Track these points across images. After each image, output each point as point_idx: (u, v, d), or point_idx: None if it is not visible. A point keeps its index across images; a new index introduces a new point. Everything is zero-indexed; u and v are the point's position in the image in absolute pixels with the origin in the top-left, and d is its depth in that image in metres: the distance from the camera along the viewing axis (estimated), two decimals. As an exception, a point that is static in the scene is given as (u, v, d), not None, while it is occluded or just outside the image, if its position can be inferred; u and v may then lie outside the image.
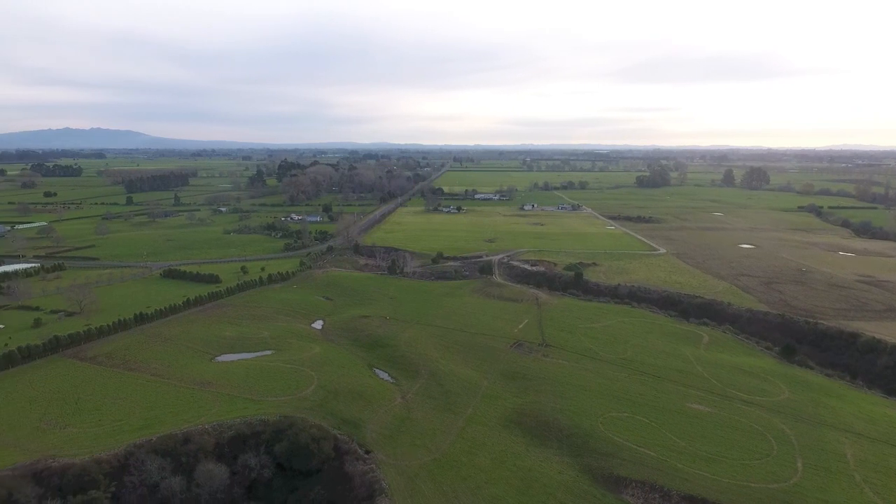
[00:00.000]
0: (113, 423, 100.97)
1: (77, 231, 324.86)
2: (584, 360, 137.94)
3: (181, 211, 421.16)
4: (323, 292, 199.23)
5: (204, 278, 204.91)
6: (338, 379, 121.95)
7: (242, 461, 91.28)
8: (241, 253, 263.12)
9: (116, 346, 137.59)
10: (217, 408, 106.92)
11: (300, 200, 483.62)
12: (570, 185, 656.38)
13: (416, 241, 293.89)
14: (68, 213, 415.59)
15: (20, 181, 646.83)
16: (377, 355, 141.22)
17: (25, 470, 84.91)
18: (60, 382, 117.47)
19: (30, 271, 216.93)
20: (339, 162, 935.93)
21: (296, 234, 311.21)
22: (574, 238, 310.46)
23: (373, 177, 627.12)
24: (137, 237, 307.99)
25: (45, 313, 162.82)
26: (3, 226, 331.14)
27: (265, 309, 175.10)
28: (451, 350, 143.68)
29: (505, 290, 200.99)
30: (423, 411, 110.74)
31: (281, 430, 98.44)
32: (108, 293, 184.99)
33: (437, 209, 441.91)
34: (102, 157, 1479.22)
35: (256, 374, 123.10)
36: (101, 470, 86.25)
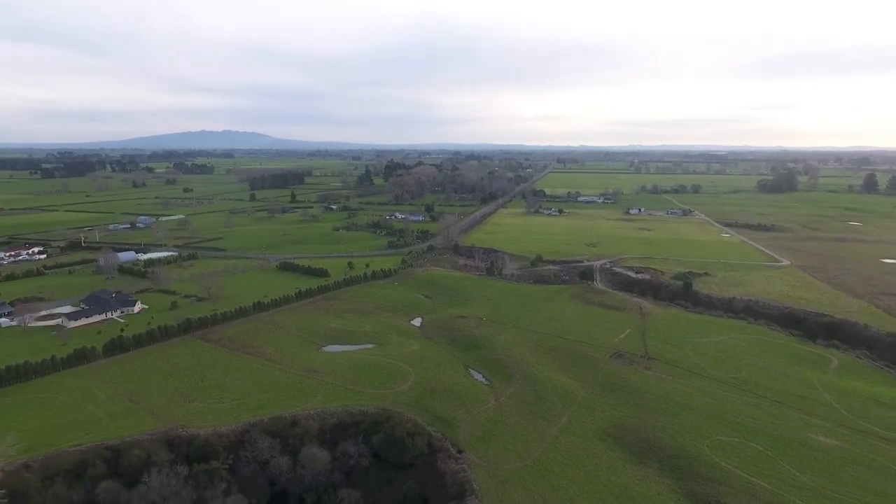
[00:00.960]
0: (232, 402, 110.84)
1: (208, 224, 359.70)
2: (690, 376, 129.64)
3: (296, 208, 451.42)
4: (422, 290, 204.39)
5: (314, 272, 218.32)
6: (434, 376, 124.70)
7: (342, 448, 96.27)
8: (348, 249, 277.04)
9: (237, 331, 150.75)
10: (322, 395, 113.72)
11: (404, 200, 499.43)
12: (682, 188, 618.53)
13: (515, 243, 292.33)
14: (202, 207, 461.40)
15: (164, 178, 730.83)
16: (473, 356, 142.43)
17: (161, 436, 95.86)
18: (190, 360, 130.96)
19: (170, 259, 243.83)
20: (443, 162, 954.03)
21: (399, 232, 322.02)
22: (684, 245, 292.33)
23: (475, 177, 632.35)
24: (258, 231, 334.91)
25: (180, 297, 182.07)
26: (150, 217, 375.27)
27: (368, 304, 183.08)
28: (547, 356, 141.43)
29: (606, 297, 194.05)
30: (516, 416, 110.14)
31: (379, 422, 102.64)
32: (231, 281, 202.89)
33: (537, 211, 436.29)
34: (231, 156, 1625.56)
35: (358, 366, 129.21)
36: (221, 443, 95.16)
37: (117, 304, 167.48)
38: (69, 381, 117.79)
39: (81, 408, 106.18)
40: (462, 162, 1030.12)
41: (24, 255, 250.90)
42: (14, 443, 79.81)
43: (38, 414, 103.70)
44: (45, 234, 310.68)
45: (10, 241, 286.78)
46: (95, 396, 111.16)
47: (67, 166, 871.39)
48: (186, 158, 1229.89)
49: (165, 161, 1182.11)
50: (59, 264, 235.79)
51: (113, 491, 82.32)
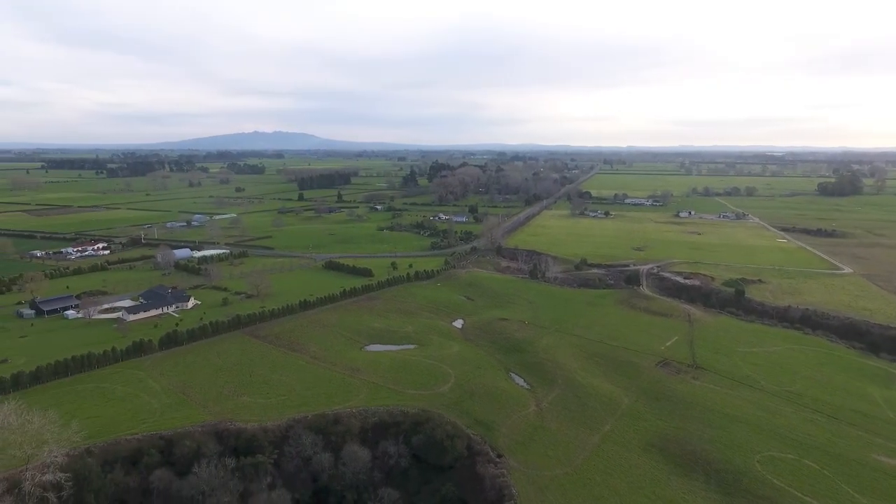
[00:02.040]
0: (278, 397, 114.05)
1: (258, 223, 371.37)
2: (740, 387, 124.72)
3: (342, 207, 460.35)
4: (465, 292, 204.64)
5: (359, 271, 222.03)
6: (474, 379, 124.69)
7: (383, 448, 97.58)
8: (391, 249, 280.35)
9: (283, 328, 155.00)
10: (364, 394, 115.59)
11: (448, 200, 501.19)
12: (735, 191, 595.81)
13: (559, 246, 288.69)
14: (252, 206, 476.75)
15: (219, 178, 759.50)
16: (514, 359, 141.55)
17: (210, 428, 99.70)
18: (239, 356, 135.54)
19: (222, 256, 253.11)
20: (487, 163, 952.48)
21: (442, 233, 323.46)
22: (736, 250, 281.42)
23: (519, 179, 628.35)
24: (305, 230, 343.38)
25: (231, 294, 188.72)
26: (205, 216, 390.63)
27: (411, 304, 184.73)
28: (590, 362, 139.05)
29: (653, 303, 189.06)
30: (557, 422, 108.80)
31: (419, 422, 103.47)
32: (279, 280, 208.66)
33: (583, 213, 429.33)
34: (281, 157, 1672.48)
35: (400, 367, 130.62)
36: (267, 438, 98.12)
37: (173, 300, 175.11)
38: (128, 373, 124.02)
39: (138, 398, 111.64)
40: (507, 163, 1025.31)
41: (90, 251, 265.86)
42: (78, 430, 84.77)
43: (99, 402, 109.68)
44: (109, 231, 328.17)
45: (77, 237, 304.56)
46: (151, 388, 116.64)
47: (130, 166, 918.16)
48: (239, 159, 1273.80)
49: (220, 161, 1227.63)
50: (121, 260, 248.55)
51: (166, 479, 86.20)
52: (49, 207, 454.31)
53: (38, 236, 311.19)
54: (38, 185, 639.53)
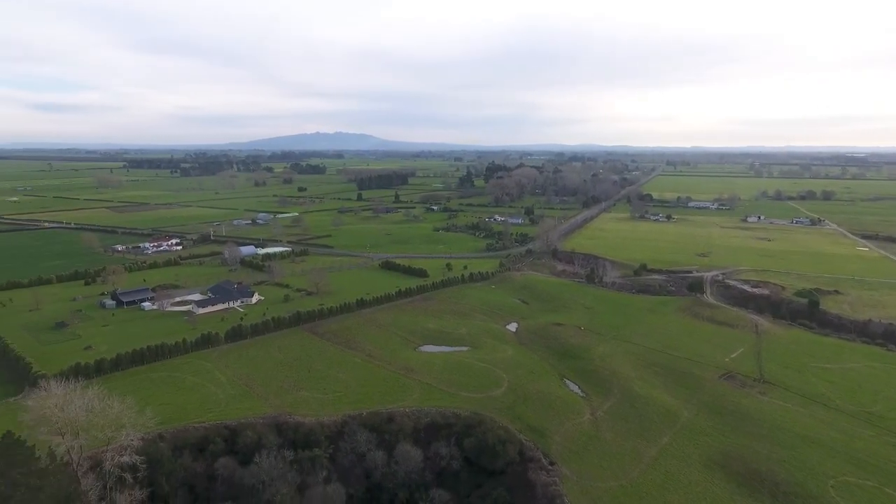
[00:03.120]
0: (334, 393, 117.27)
1: (318, 222, 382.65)
2: (813, 405, 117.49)
3: (399, 208, 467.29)
4: (519, 295, 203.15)
5: (414, 272, 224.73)
6: (527, 384, 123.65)
7: (435, 449, 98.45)
8: (447, 250, 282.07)
9: (341, 326, 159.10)
10: (417, 394, 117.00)
11: (504, 202, 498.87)
12: (811, 194, 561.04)
13: (617, 250, 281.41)
14: (313, 205, 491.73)
15: (282, 177, 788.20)
16: (568, 365, 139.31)
17: (270, 421, 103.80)
18: (299, 351, 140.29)
19: (284, 254, 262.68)
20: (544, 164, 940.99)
21: (498, 234, 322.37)
22: (810, 258, 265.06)
23: (577, 180, 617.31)
24: (363, 230, 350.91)
25: (292, 291, 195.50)
26: (269, 214, 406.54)
27: (465, 306, 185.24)
28: (648, 371, 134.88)
29: (717, 312, 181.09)
30: (612, 432, 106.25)
31: (471, 425, 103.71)
32: (337, 278, 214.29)
33: (643, 216, 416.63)
34: (341, 157, 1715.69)
35: (453, 368, 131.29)
36: (324, 432, 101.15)
37: (238, 295, 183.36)
38: (196, 363, 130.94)
39: (205, 388, 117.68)
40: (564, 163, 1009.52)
41: (165, 246, 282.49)
42: (152, 416, 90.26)
43: (171, 391, 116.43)
44: (182, 228, 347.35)
45: (153, 234, 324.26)
46: (217, 379, 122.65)
47: (201, 166, 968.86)
48: (301, 159, 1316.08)
49: (283, 161, 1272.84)
50: (192, 255, 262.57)
51: (229, 467, 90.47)
52: (129, 204, 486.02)
53: (119, 232, 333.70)
54: (120, 183, 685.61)
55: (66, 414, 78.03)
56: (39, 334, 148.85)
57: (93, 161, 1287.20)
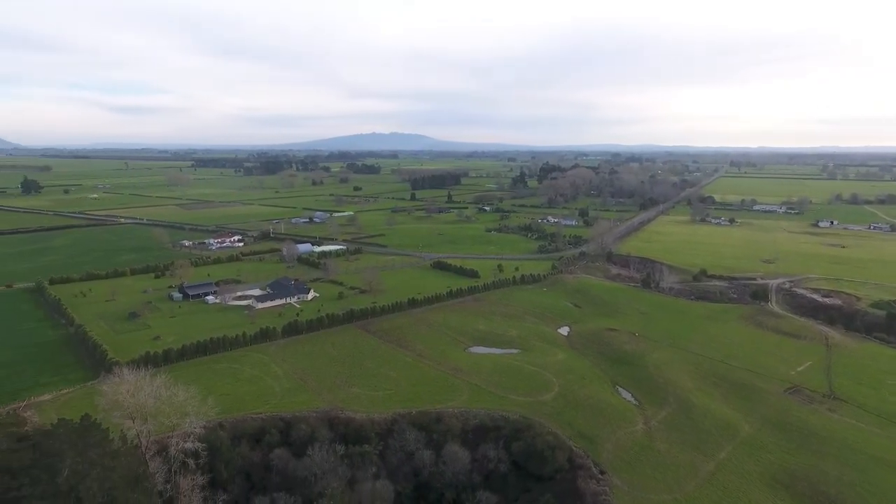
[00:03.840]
0: (385, 391, 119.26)
1: (372, 221, 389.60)
2: (890, 426, 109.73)
3: (452, 208, 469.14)
4: (572, 298, 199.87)
5: (465, 272, 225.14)
6: (578, 389, 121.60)
7: (483, 451, 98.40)
8: (498, 251, 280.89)
9: (392, 325, 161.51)
10: (466, 396, 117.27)
11: (558, 203, 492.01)
12: (891, 198, 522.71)
13: (675, 254, 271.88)
14: (368, 205, 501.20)
15: (339, 177, 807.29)
16: (621, 372, 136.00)
17: (323, 415, 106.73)
18: (351, 348, 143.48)
19: (339, 252, 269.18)
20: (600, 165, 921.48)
21: (550, 236, 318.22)
22: (889, 267, 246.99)
23: (634, 181, 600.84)
24: (415, 229, 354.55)
25: (346, 288, 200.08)
26: (325, 213, 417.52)
27: (515, 308, 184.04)
28: (706, 381, 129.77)
29: (783, 321, 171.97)
30: (667, 443, 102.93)
31: (519, 429, 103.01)
32: (389, 277, 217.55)
33: (704, 220, 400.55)
34: (396, 157, 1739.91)
35: (502, 371, 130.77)
36: (374, 429, 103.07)
37: (295, 291, 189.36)
38: (254, 356, 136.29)
39: (263, 381, 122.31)
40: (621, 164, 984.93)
41: (228, 243, 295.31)
42: (213, 405, 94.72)
43: (230, 381, 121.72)
44: (243, 225, 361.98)
45: (217, 230, 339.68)
46: (273, 372, 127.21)
47: (263, 165, 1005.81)
48: (357, 159, 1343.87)
49: (340, 161, 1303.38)
50: (253, 252, 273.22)
51: (284, 458, 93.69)
52: (196, 202, 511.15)
53: (186, 228, 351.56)
54: (188, 181, 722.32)
55: (137, 400, 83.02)
56: (114, 323, 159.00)
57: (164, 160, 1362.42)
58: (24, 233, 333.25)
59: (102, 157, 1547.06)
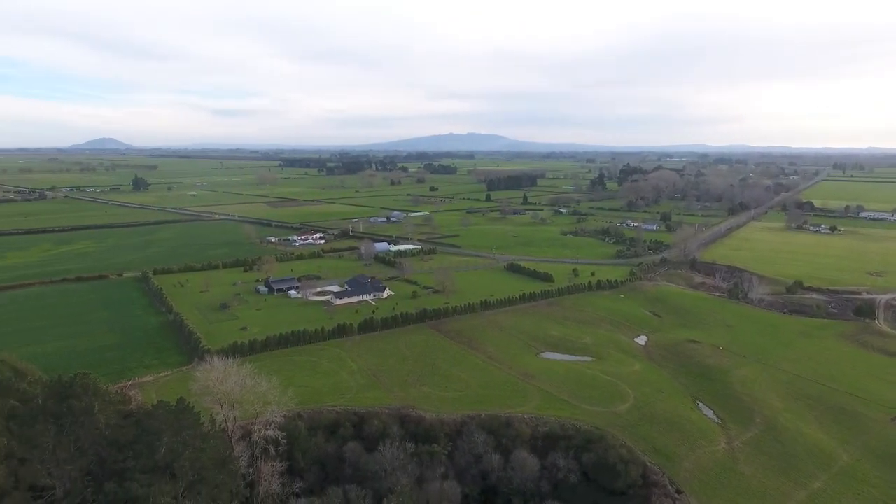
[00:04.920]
0: (455, 392, 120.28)
1: (447, 221, 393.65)
2: None
3: (527, 209, 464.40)
4: (651, 307, 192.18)
5: (539, 276, 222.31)
6: (655, 403, 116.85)
7: (552, 459, 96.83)
8: (573, 255, 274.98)
9: (464, 326, 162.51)
10: (536, 402, 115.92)
11: (638, 206, 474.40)
12: None
13: (767, 264, 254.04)
14: (443, 205, 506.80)
15: (416, 177, 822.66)
16: (703, 387, 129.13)
17: (395, 412, 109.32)
18: (423, 348, 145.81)
19: (414, 252, 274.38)
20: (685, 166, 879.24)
21: (629, 241, 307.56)
22: None
23: (722, 184, 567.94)
24: (490, 231, 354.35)
25: (420, 288, 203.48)
26: (402, 213, 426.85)
27: (590, 314, 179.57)
28: (799, 403, 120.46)
29: (892, 342, 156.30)
30: (752, 466, 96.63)
31: (591, 440, 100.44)
32: (462, 277, 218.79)
33: (801, 227, 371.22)
34: (472, 157, 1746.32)
35: (575, 378, 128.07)
36: (443, 429, 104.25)
37: (371, 289, 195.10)
38: (331, 351, 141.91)
39: (338, 375, 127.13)
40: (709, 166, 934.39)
41: (310, 240, 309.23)
42: (293, 396, 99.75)
43: (309, 374, 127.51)
44: (325, 223, 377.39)
45: (301, 228, 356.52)
46: (349, 367, 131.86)
47: (344, 165, 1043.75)
48: (434, 159, 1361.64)
49: (417, 161, 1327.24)
50: (333, 249, 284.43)
51: (356, 451, 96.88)
52: (282, 200, 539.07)
53: (273, 225, 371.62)
54: (276, 180, 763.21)
55: (225, 387, 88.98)
56: (207, 313, 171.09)
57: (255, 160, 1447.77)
58: (134, 226, 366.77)
59: (201, 157, 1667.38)
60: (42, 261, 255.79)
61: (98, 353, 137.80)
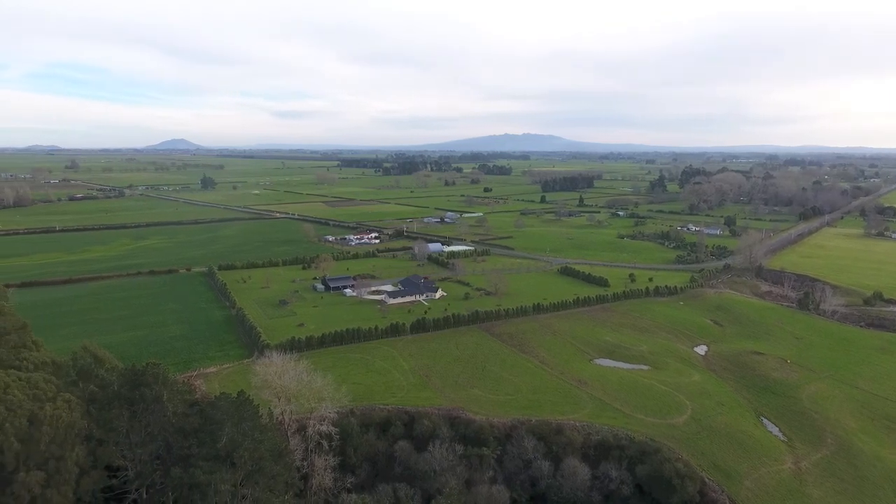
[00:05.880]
0: (505, 395, 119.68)
1: (501, 223, 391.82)
2: None
3: (583, 212, 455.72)
4: (712, 315, 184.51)
5: (594, 280, 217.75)
6: (715, 416, 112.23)
7: (604, 469, 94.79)
8: (630, 259, 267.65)
9: (516, 329, 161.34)
10: (588, 409, 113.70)
11: (700, 210, 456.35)
12: None
13: (841, 273, 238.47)
14: (497, 206, 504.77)
15: (470, 178, 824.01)
16: (768, 402, 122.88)
17: (445, 413, 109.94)
18: (474, 350, 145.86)
19: (467, 253, 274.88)
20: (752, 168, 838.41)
21: (690, 246, 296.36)
22: None
23: (793, 188, 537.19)
24: (544, 233, 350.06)
25: (472, 289, 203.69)
26: (456, 214, 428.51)
27: (647, 321, 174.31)
28: (877, 424, 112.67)
29: None
30: (822, 489, 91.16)
31: (646, 452, 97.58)
32: (515, 280, 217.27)
33: (882, 234, 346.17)
34: (527, 158, 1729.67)
35: (629, 387, 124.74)
36: (493, 433, 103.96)
37: (424, 289, 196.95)
38: (384, 349, 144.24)
39: (391, 374, 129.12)
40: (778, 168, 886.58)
41: (365, 239, 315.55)
42: (346, 393, 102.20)
43: (362, 372, 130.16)
44: (380, 223, 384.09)
45: (357, 227, 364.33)
46: (401, 366, 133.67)
47: (400, 165, 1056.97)
48: (489, 160, 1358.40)
49: (472, 162, 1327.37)
50: (387, 248, 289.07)
51: (406, 450, 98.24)
52: (339, 199, 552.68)
53: (330, 224, 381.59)
54: (334, 180, 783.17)
55: (282, 381, 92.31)
56: (267, 309, 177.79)
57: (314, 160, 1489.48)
58: (201, 223, 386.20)
59: (264, 157, 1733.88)
60: (121, 254, 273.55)
61: (167, 344, 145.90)
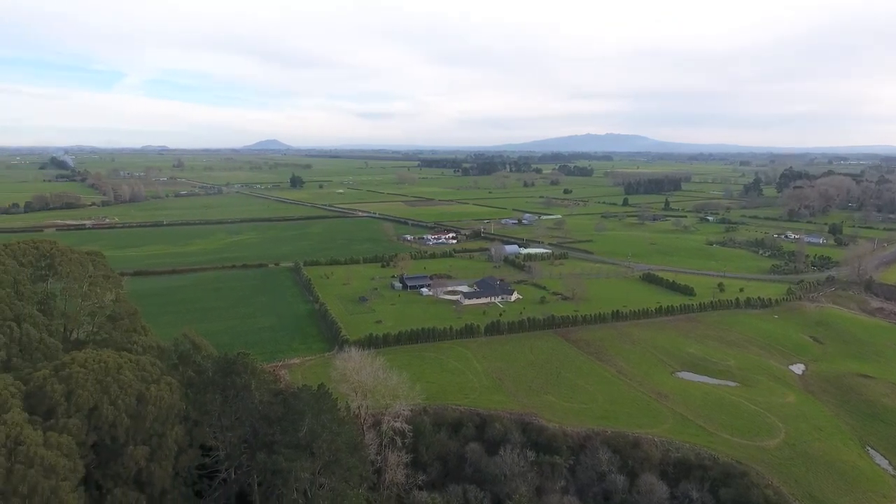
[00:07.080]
0: (580, 404, 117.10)
1: (580, 225, 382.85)
2: None
3: (668, 216, 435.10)
4: (811, 331, 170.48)
5: (678, 288, 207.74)
6: (812, 442, 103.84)
7: (684, 489, 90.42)
8: (720, 267, 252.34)
9: (593, 336, 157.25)
10: (668, 424, 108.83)
11: (801, 216, 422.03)
12: None
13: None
14: (577, 208, 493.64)
15: (549, 179, 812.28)
16: (875, 431, 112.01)
17: (517, 418, 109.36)
18: (549, 355, 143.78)
19: (544, 256, 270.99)
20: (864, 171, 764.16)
21: (788, 255, 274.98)
22: None
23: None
24: (626, 237, 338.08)
25: (549, 293, 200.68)
26: (534, 215, 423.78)
27: (736, 334, 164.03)
28: None
29: None
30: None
31: (730, 474, 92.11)
32: (594, 285, 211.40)
33: None
34: (610, 159, 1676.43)
35: (714, 404, 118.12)
36: (566, 441, 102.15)
37: (500, 291, 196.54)
38: (458, 350, 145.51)
39: (464, 375, 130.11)
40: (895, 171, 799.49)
41: (443, 239, 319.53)
42: (420, 391, 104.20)
43: (436, 371, 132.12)
44: (457, 223, 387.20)
45: (435, 227, 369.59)
46: (474, 367, 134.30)
47: (479, 166, 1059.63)
48: (570, 161, 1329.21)
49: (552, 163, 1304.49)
50: (464, 249, 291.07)
51: (477, 452, 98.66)
52: (418, 199, 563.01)
53: (409, 223, 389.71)
54: (414, 180, 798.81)
55: (360, 377, 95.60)
56: (347, 305, 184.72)
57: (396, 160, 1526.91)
58: (289, 220, 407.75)
59: (348, 157, 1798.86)
60: (218, 248, 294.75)
61: (256, 334, 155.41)
